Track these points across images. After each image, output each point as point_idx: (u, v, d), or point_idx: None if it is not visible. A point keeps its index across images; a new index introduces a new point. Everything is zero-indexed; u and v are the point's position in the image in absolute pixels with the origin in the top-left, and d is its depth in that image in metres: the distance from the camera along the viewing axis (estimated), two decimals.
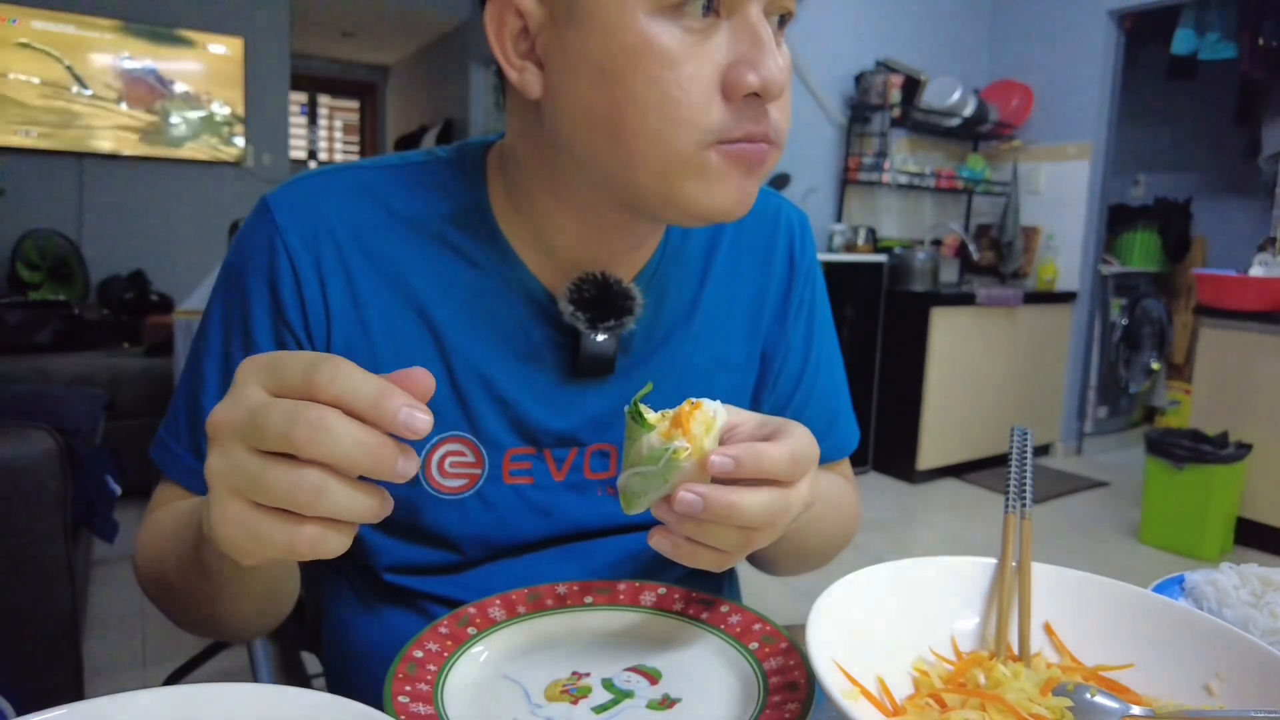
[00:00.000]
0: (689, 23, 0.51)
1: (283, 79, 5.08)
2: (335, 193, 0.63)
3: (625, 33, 0.51)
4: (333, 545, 0.39)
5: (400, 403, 0.37)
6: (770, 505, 0.47)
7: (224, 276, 0.64)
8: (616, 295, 0.63)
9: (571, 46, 0.53)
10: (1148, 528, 3.20)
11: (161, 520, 0.61)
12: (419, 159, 0.67)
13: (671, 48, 0.51)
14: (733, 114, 0.53)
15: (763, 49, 0.52)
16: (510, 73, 0.56)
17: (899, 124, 4.08)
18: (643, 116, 0.52)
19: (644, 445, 0.48)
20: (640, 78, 0.51)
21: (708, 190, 0.55)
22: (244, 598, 0.54)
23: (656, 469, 0.47)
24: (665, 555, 0.50)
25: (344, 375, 0.37)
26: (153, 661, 2.11)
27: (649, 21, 0.51)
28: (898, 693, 0.49)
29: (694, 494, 0.46)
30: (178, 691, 0.40)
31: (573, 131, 0.56)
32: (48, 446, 1.41)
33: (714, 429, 0.48)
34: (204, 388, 0.63)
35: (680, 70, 0.51)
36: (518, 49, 0.56)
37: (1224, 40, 4.21)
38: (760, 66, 0.52)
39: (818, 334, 0.79)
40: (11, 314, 3.33)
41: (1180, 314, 5.02)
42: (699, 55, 0.51)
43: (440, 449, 0.64)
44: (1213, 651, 0.51)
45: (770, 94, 0.53)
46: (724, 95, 0.52)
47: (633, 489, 0.49)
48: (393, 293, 0.63)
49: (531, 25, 0.55)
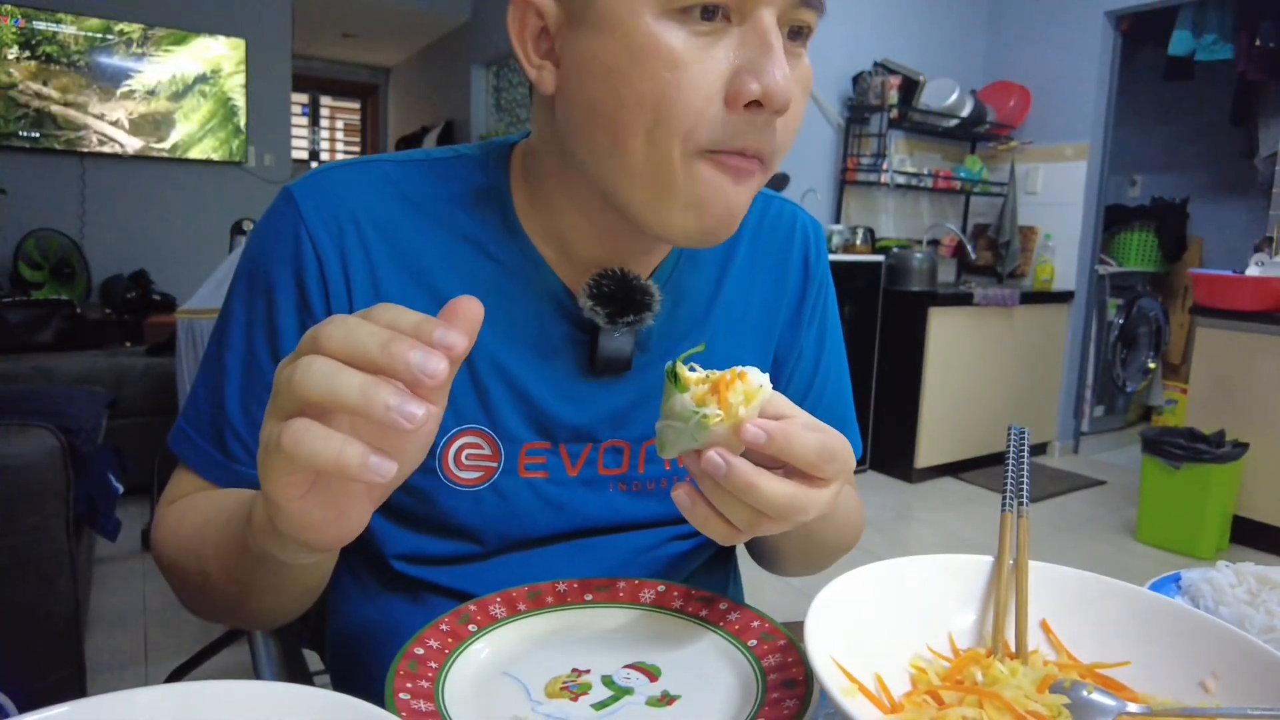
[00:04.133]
0: (696, 26, 0.51)
1: (284, 80, 5.08)
2: (359, 184, 0.64)
3: (633, 33, 0.51)
4: (377, 467, 0.38)
5: (406, 346, 0.37)
6: (789, 498, 0.47)
7: (245, 267, 0.64)
8: (636, 291, 0.64)
9: (582, 46, 0.54)
10: (1144, 526, 3.21)
11: (198, 507, 0.61)
12: (444, 155, 0.67)
13: (676, 49, 0.51)
14: (732, 124, 0.53)
15: (769, 56, 0.51)
16: (530, 70, 0.57)
17: (897, 125, 4.08)
18: (639, 115, 0.52)
19: (676, 403, 0.49)
20: (642, 77, 0.51)
21: (698, 200, 0.55)
22: (282, 591, 0.54)
23: (686, 427, 0.48)
24: (681, 510, 0.50)
25: (346, 329, 0.38)
26: (154, 659, 2.11)
27: (656, 23, 0.51)
28: (895, 690, 0.49)
29: (721, 460, 0.46)
30: (179, 689, 0.40)
31: (578, 130, 0.56)
32: (50, 445, 1.41)
33: (756, 400, 0.48)
34: (227, 381, 0.63)
35: (683, 73, 0.51)
36: (538, 48, 0.57)
37: (1221, 41, 4.22)
38: (763, 74, 0.51)
39: (828, 341, 0.80)
40: (14, 313, 3.33)
41: (1177, 313, 5.03)
42: (704, 60, 0.51)
43: (457, 441, 0.65)
44: (1209, 649, 0.51)
45: (772, 104, 0.51)
46: (727, 103, 0.52)
47: (665, 437, 0.50)
48: (414, 284, 0.63)
49: (550, 25, 0.55)
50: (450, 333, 0.38)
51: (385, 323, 0.39)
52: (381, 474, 0.37)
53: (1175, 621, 0.53)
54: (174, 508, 0.64)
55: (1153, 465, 3.10)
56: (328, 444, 0.37)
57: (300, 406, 0.38)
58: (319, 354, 0.38)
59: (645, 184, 0.55)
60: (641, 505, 0.70)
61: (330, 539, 0.43)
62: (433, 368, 0.37)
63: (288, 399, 0.38)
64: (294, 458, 0.37)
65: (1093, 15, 4.16)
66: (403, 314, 0.39)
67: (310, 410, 0.38)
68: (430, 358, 0.37)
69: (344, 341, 0.38)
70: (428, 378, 0.37)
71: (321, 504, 0.42)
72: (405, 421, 0.36)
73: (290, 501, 0.41)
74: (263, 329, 0.63)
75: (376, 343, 0.37)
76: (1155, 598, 0.55)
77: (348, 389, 0.37)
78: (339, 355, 0.38)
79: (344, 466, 0.37)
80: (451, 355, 0.38)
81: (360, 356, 0.38)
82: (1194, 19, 4.25)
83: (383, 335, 0.38)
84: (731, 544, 0.51)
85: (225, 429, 0.63)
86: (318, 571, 0.54)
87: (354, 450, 0.37)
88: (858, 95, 4.01)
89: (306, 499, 0.41)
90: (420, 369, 0.37)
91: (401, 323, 0.39)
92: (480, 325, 0.40)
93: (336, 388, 0.37)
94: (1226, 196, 5.04)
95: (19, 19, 4.22)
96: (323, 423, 0.38)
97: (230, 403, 0.63)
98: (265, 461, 0.40)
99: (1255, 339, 3.09)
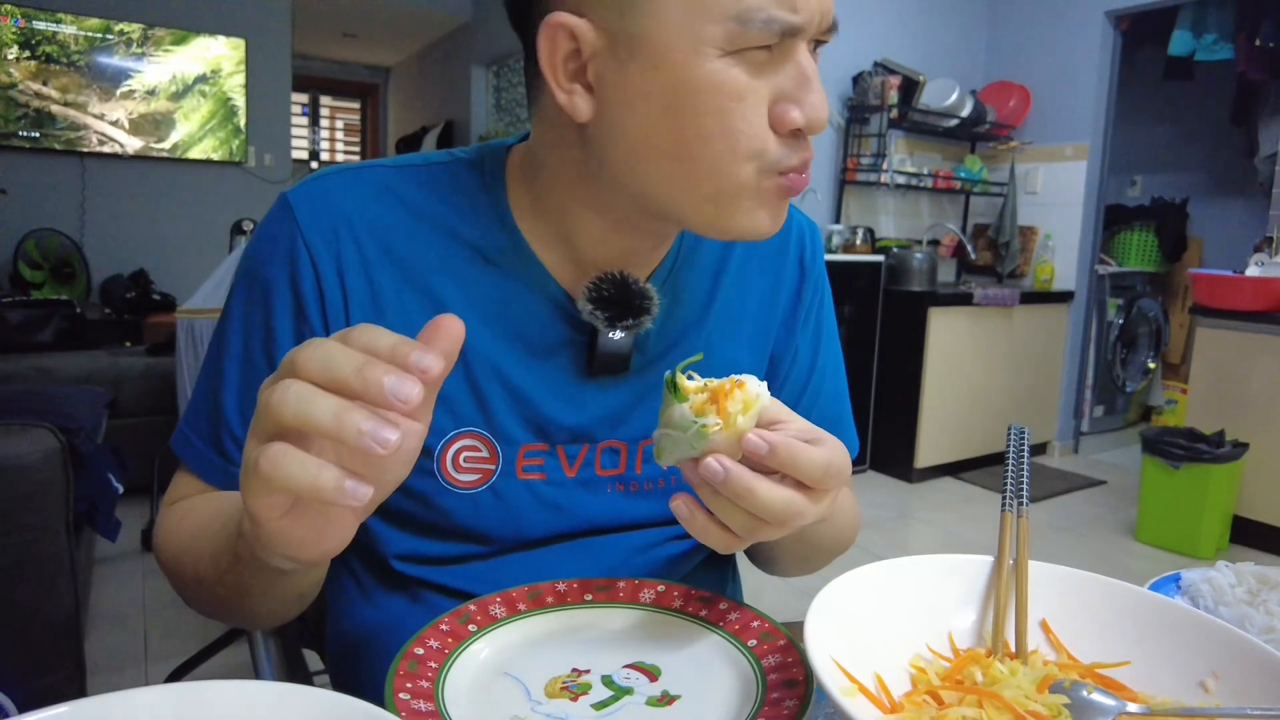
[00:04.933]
0: (751, 59, 0.53)
1: (284, 80, 5.08)
2: (356, 190, 0.64)
3: (695, 71, 0.52)
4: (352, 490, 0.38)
5: (380, 371, 0.37)
6: (787, 504, 0.47)
7: (244, 273, 0.65)
8: (635, 294, 0.64)
9: (633, 81, 0.54)
10: (1144, 526, 3.21)
11: (196, 510, 0.62)
12: (440, 159, 0.68)
13: (739, 85, 0.53)
14: (783, 146, 0.55)
15: (809, 87, 0.54)
16: (559, 94, 0.56)
17: (897, 125, 4.08)
18: (709, 148, 0.54)
19: (675, 412, 0.49)
20: (710, 113, 0.53)
21: (754, 214, 0.57)
22: (275, 595, 0.54)
23: (685, 436, 0.48)
24: (679, 520, 0.51)
25: (322, 353, 0.38)
26: (154, 659, 2.11)
27: (719, 61, 0.52)
28: (895, 690, 0.49)
29: (720, 465, 0.47)
30: (179, 689, 0.40)
31: (628, 160, 0.57)
32: (50, 445, 1.41)
33: (753, 409, 0.49)
34: (224, 385, 0.64)
35: (743, 105, 0.53)
36: (566, 70, 0.56)
37: (1221, 41, 4.22)
38: (805, 105, 0.54)
39: (824, 341, 0.80)
40: (14, 313, 3.33)
41: (1176, 313, 5.03)
42: (756, 91, 0.53)
43: (456, 443, 0.65)
44: (1209, 649, 0.51)
45: (814, 130, 0.55)
46: (772, 128, 0.54)
47: (663, 446, 0.50)
48: (411, 289, 0.63)
49: (585, 50, 0.55)
50: (426, 356, 0.38)
51: (361, 346, 0.39)
52: (356, 499, 0.38)
53: (1175, 621, 0.53)
54: (174, 509, 0.64)
55: (1153, 465, 3.10)
56: (303, 469, 0.38)
57: (278, 429, 0.39)
58: (296, 378, 0.38)
59: (711, 204, 0.57)
60: (639, 505, 0.71)
61: (314, 555, 0.44)
62: (405, 393, 0.37)
63: (266, 422, 0.39)
64: (271, 481, 0.38)
65: (1092, 15, 4.16)
66: (380, 336, 0.39)
67: (289, 433, 0.39)
68: (405, 382, 0.37)
69: (320, 366, 0.38)
70: (401, 402, 0.37)
71: (303, 523, 0.42)
72: (378, 447, 0.37)
73: (271, 521, 0.41)
74: (259, 335, 0.63)
75: (352, 367, 0.38)
76: (1155, 598, 0.55)
77: (321, 414, 0.37)
78: (315, 379, 0.38)
79: (319, 491, 0.37)
80: (427, 379, 0.38)
81: (336, 381, 0.38)
82: (1194, 19, 4.25)
83: (358, 359, 0.38)
84: (730, 552, 0.51)
85: (223, 432, 0.63)
86: (310, 578, 0.54)
87: (329, 475, 0.37)
88: (858, 95, 4.01)
89: (287, 518, 0.42)
90: (394, 394, 0.37)
91: (378, 346, 0.39)
92: (461, 343, 0.40)
93: (310, 413, 0.37)
94: (1226, 196, 5.05)
95: (19, 19, 4.22)
96: (302, 446, 0.38)
97: (228, 407, 0.63)
98: (246, 482, 0.40)
99: (1255, 339, 3.10)
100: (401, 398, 0.37)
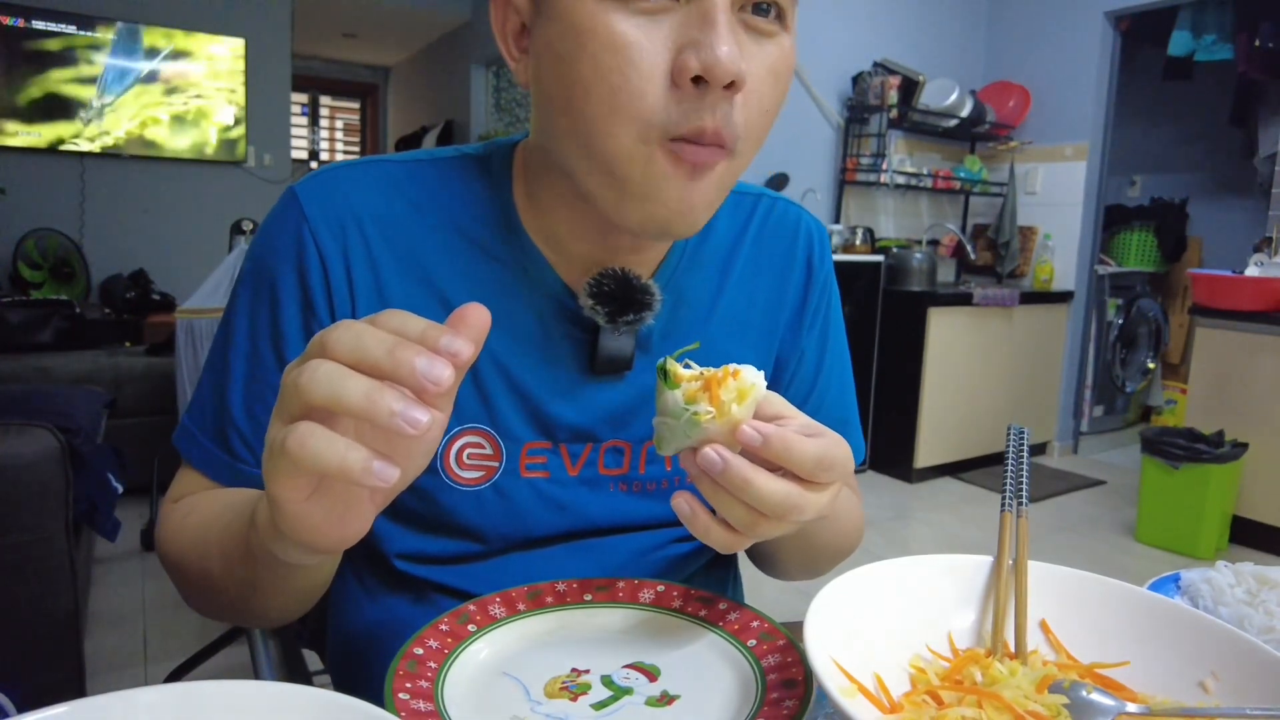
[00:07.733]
0: (638, 4, 0.50)
1: (284, 79, 5.08)
2: (363, 184, 0.64)
3: (576, 17, 0.51)
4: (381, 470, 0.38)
5: (412, 353, 0.37)
6: (785, 497, 0.47)
7: (250, 267, 0.64)
8: (636, 291, 0.64)
9: (540, 36, 0.55)
10: (1144, 526, 3.21)
11: (202, 506, 0.61)
12: (448, 155, 0.68)
13: (619, 32, 0.50)
14: (681, 106, 0.51)
15: (711, 30, 0.49)
16: (512, 65, 0.59)
17: (896, 125, 4.08)
18: (590, 103, 0.52)
19: (668, 399, 0.49)
20: (587, 62, 0.51)
21: (647, 201, 0.54)
22: (284, 591, 0.54)
23: (679, 424, 0.48)
24: (681, 519, 0.50)
25: (353, 334, 0.38)
26: (154, 659, 2.11)
27: (598, 6, 0.51)
28: (895, 690, 0.50)
29: (718, 456, 0.46)
30: (179, 689, 0.40)
31: (546, 121, 0.58)
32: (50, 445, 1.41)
33: (749, 397, 0.48)
34: (230, 381, 0.63)
35: (626, 55, 0.50)
36: (519, 44, 0.58)
37: (1220, 42, 4.22)
38: (703, 48, 0.49)
39: (831, 343, 0.80)
40: (13, 313, 3.32)
41: (1176, 314, 5.03)
42: (648, 41, 0.51)
43: (459, 440, 0.65)
44: (1208, 649, 0.51)
45: (714, 77, 0.50)
46: (674, 83, 0.51)
47: (661, 434, 0.50)
48: (417, 285, 0.64)
49: (526, 20, 0.56)
50: (456, 340, 0.38)
51: (392, 328, 0.39)
52: (384, 479, 0.37)
53: (1174, 621, 0.53)
54: (178, 506, 0.64)
55: (1152, 465, 3.10)
56: (332, 448, 0.37)
57: (306, 410, 0.38)
58: (326, 358, 0.38)
59: (601, 173, 0.55)
60: (643, 506, 0.71)
61: (332, 542, 0.44)
62: (437, 374, 0.37)
63: (294, 402, 0.38)
64: (298, 461, 0.38)
65: (1092, 15, 4.16)
66: (410, 320, 0.39)
67: (316, 414, 0.39)
68: (435, 364, 0.37)
69: (351, 346, 0.38)
70: (432, 384, 0.37)
71: (324, 507, 0.42)
72: (409, 427, 0.37)
73: (294, 504, 0.41)
74: (266, 329, 0.63)
75: (383, 348, 0.38)
76: (1154, 598, 0.55)
77: (353, 393, 0.37)
78: (346, 360, 0.38)
79: (347, 471, 0.37)
80: (457, 362, 0.38)
81: (367, 361, 0.38)
82: (1193, 19, 4.25)
83: (389, 341, 0.38)
84: (732, 551, 0.51)
85: (229, 428, 0.63)
86: (320, 573, 0.54)
87: (357, 455, 0.37)
88: (857, 95, 4.01)
89: (310, 502, 0.41)
90: (425, 375, 0.37)
91: (408, 329, 0.39)
92: (487, 333, 0.40)
93: (342, 392, 0.37)
94: (1226, 196, 5.05)
95: (19, 19, 4.22)
96: (328, 427, 0.38)
97: (234, 402, 0.63)
98: (270, 463, 0.40)
99: (1255, 339, 3.10)
100: (433, 379, 0.37)
